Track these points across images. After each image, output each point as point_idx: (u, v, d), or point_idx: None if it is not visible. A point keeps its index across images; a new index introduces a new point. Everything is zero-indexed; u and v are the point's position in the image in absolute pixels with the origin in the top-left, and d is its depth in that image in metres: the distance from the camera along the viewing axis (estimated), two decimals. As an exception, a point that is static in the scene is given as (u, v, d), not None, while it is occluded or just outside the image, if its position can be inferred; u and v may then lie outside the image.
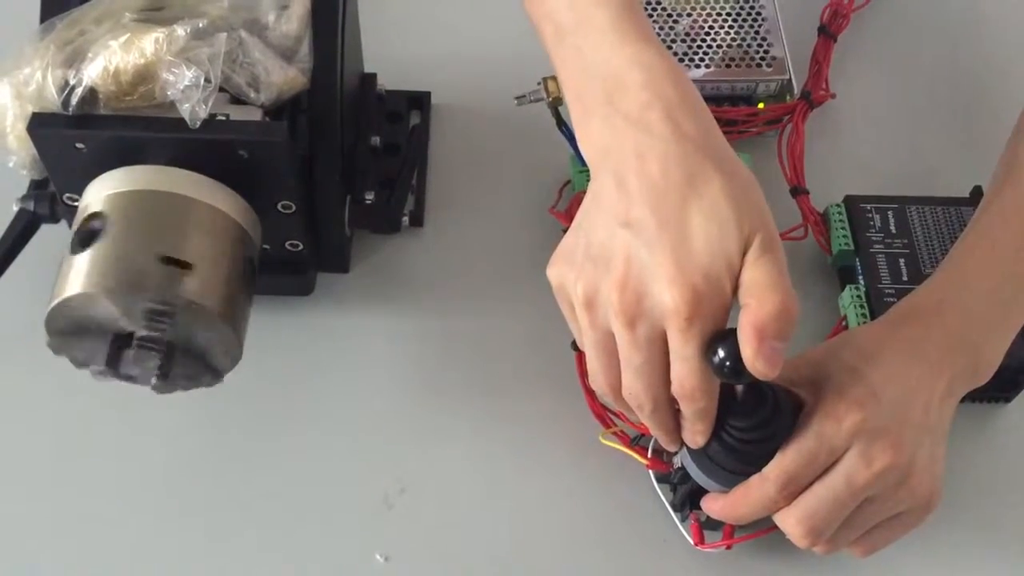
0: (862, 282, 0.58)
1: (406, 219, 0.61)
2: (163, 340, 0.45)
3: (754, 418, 0.46)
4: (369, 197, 0.60)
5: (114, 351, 0.46)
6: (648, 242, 0.43)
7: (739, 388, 0.45)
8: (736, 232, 0.42)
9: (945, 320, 0.50)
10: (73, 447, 0.55)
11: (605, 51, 0.46)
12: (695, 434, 0.46)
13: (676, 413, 0.47)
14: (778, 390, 0.47)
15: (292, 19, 0.50)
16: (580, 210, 0.47)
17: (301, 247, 0.55)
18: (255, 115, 0.49)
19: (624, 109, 0.45)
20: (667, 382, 0.45)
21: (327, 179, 0.54)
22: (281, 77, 0.49)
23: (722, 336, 0.43)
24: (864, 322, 0.56)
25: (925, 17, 0.73)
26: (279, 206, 0.52)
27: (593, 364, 0.47)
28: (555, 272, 0.47)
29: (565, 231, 0.51)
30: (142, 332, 0.45)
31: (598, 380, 0.47)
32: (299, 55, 0.50)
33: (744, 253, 0.42)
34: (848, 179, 0.63)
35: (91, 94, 0.46)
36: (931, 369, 0.48)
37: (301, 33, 0.51)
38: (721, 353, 0.42)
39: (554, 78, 0.57)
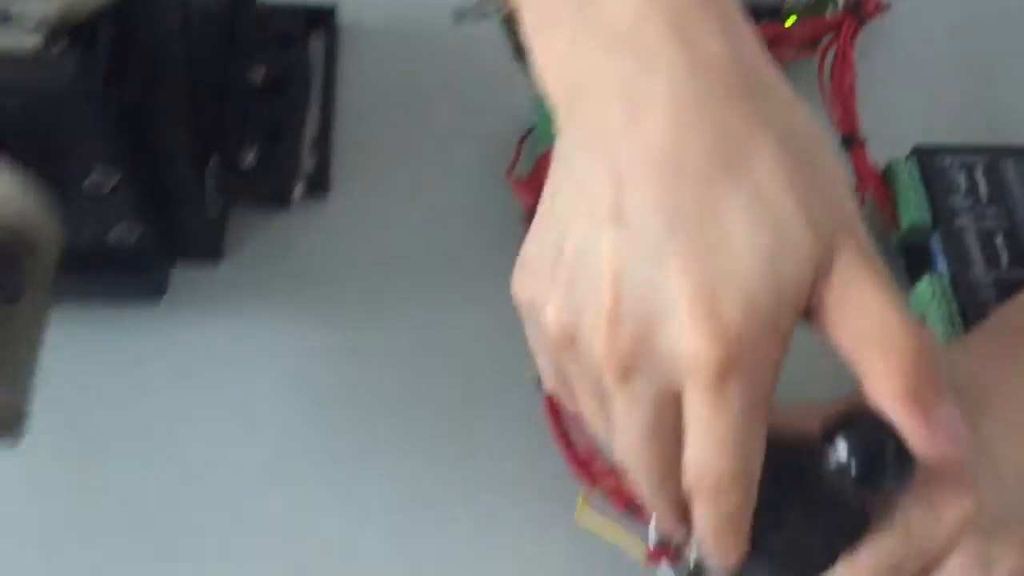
0: (944, 268, 0.41)
1: (299, 188, 0.43)
2: None
3: (825, 520, 0.30)
4: (248, 157, 0.43)
5: None
6: (653, 250, 0.26)
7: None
8: (805, 239, 0.26)
9: None
10: None
11: None
12: (721, 547, 0.30)
13: None
14: None
15: None
16: (546, 189, 0.30)
17: (139, 235, 0.38)
18: (25, 41, 0.30)
19: (609, 19, 0.28)
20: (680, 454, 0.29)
21: (168, 138, 0.36)
22: (69, -24, 0.31)
23: (840, 419, 0.29)
24: (952, 328, 0.40)
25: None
26: (92, 178, 0.34)
27: (586, 411, 0.31)
28: (521, 289, 0.30)
29: (530, 211, 0.34)
30: None
31: (593, 428, 0.32)
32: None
33: (818, 270, 0.26)
34: (916, 123, 0.46)
35: None
36: None
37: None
38: (842, 449, 0.28)
39: (509, -17, 0.39)
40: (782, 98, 0.28)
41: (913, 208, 0.42)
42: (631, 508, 0.38)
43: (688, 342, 0.26)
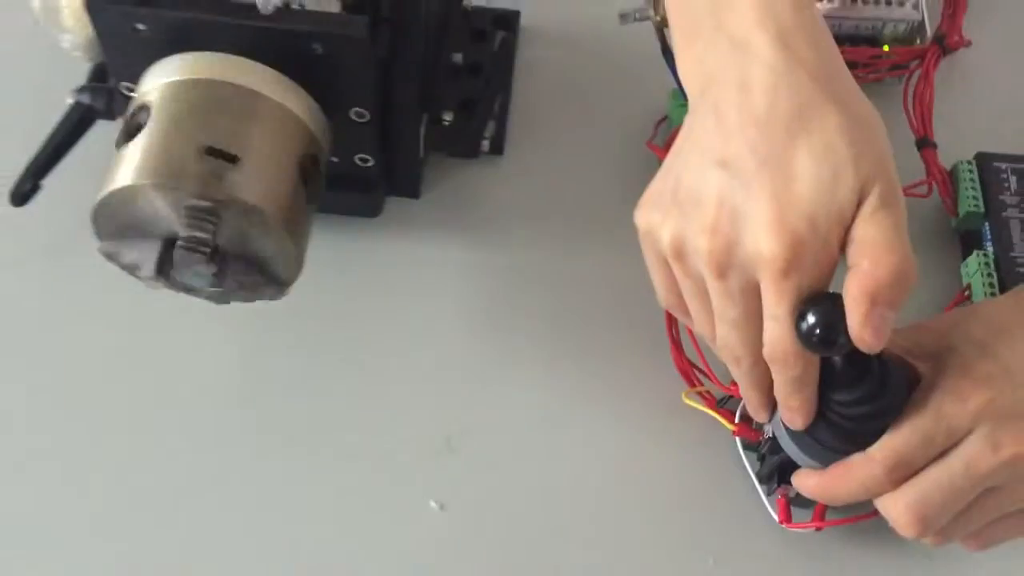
0: (991, 249, 0.52)
1: (485, 144, 0.56)
2: (208, 241, 0.40)
3: (857, 391, 0.40)
4: (447, 118, 0.55)
5: (165, 255, 0.41)
6: (745, 182, 0.37)
7: (838, 357, 0.40)
8: (851, 178, 0.37)
9: None
10: (107, 364, 0.50)
11: None
12: (789, 410, 0.41)
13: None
14: (890, 361, 0.41)
15: (382, -95, 0.45)
16: (672, 149, 0.42)
17: (371, 163, 0.50)
18: (333, 7, 0.44)
19: (730, 31, 0.39)
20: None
21: (405, 90, 0.49)
22: (365, -34, 0.44)
23: (815, 299, 0.37)
24: (991, 293, 0.50)
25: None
26: (352, 113, 0.47)
27: (693, 313, 0.42)
28: (642, 217, 0.42)
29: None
30: (186, 232, 0.40)
31: (698, 329, 0.43)
32: (386, -54, 0.45)
33: (859, 204, 0.37)
34: (981, 135, 0.56)
35: (156, -31, 0.42)
36: None
37: (390, -79, 0.46)
38: (811, 319, 0.37)
39: (665, -5, 0.51)
40: (849, 88, 0.39)
41: (970, 200, 0.53)
42: (717, 409, 0.49)
43: (763, 244, 0.37)
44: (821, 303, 0.37)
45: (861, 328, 0.36)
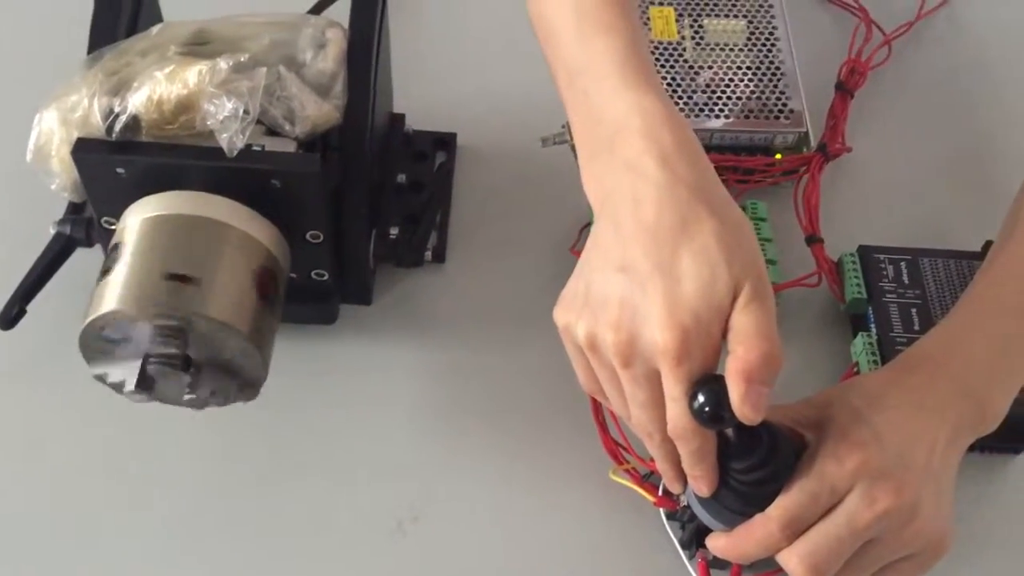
0: (874, 330, 0.59)
1: (428, 254, 0.63)
2: (177, 354, 0.46)
3: (750, 459, 0.46)
4: (393, 232, 0.62)
5: (144, 372, 0.47)
6: (641, 284, 0.44)
7: (729, 430, 0.46)
8: (726, 276, 0.43)
9: (950, 368, 0.51)
10: (92, 466, 0.56)
11: (608, 96, 0.48)
12: (695, 479, 0.47)
13: None
14: (777, 431, 0.47)
15: (328, 58, 0.52)
16: (582, 255, 0.48)
17: (326, 277, 0.57)
18: (289, 147, 0.51)
19: (623, 154, 0.46)
20: None
21: (355, 212, 0.56)
22: (316, 111, 0.51)
23: (703, 381, 0.44)
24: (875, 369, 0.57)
25: (940, 77, 0.75)
26: (308, 236, 0.53)
27: (610, 396, 0.48)
28: (560, 316, 0.48)
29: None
30: (157, 349, 0.46)
31: (616, 410, 0.49)
32: (333, 91, 0.52)
33: (734, 298, 0.44)
34: (862, 230, 0.64)
35: (134, 121, 0.49)
36: (935, 415, 0.49)
37: (336, 71, 0.53)
38: (701, 398, 0.43)
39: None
40: (722, 198, 0.46)
41: (855, 288, 0.60)
42: (642, 483, 0.55)
43: (659, 337, 0.43)
44: (708, 384, 0.44)
45: (741, 404, 0.43)
